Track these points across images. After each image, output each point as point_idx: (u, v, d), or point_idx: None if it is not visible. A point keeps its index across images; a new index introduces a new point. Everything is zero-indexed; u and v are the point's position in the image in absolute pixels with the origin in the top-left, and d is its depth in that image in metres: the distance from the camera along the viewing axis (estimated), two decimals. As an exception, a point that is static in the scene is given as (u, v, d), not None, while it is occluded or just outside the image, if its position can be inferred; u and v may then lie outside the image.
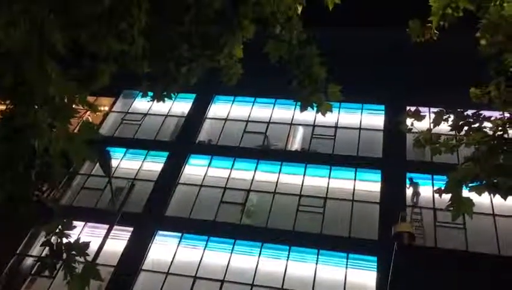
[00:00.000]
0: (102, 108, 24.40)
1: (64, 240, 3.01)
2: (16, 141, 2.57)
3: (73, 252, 2.99)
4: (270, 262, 17.24)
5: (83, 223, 18.23)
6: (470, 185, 3.85)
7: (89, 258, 3.18)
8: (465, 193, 3.97)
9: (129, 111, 24.15)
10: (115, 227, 13.30)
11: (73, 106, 2.95)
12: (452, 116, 6.09)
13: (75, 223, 3.29)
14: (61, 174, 2.88)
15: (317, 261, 16.90)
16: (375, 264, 16.32)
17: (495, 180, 3.81)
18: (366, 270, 16.48)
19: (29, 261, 18.25)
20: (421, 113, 6.29)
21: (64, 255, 3.01)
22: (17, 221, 12.75)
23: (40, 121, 2.55)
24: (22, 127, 2.55)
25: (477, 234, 16.55)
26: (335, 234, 17.39)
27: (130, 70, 4.18)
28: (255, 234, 17.84)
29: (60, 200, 19.47)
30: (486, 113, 6.03)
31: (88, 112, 22.54)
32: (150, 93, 4.71)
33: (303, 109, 4.16)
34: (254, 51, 5.58)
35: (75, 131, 2.90)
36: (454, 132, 6.07)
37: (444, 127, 6.29)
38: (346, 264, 16.66)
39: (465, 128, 5.73)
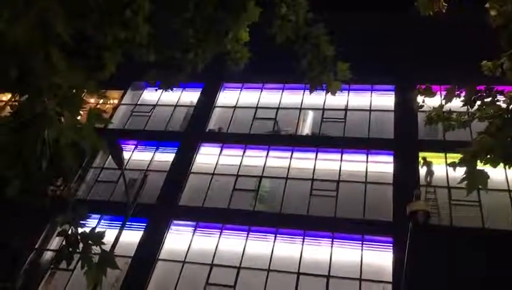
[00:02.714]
0: (111, 101, 24.50)
1: (80, 230, 3.03)
2: (26, 132, 2.57)
3: (90, 242, 3.01)
4: (286, 247, 17.30)
5: (99, 215, 18.41)
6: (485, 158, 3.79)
7: (107, 249, 3.19)
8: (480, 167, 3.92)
9: (138, 103, 24.23)
10: (130, 218, 13.39)
11: (83, 97, 2.94)
12: (464, 92, 6.00)
13: (91, 215, 3.31)
14: (72, 166, 2.87)
15: (332, 244, 16.92)
16: (391, 245, 16.31)
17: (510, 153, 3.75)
18: (382, 251, 16.47)
19: (48, 255, 18.50)
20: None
21: (81, 245, 3.03)
22: (33, 215, 12.89)
23: (49, 111, 2.54)
24: (30, 118, 2.55)
25: (493, 211, 16.43)
26: (349, 216, 17.37)
27: (136, 59, 4.16)
28: (269, 220, 17.89)
29: (75, 194, 19.65)
30: (498, 87, 5.93)
31: (98, 106, 22.65)
32: (157, 83, 4.68)
33: (312, 89, 4.10)
34: (260, 36, 5.53)
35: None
36: (466, 107, 5.98)
37: (455, 104, 6.20)
38: (362, 246, 16.66)
39: (478, 102, 5.64)
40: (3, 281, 17.14)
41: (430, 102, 6.64)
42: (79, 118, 2.90)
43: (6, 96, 19.52)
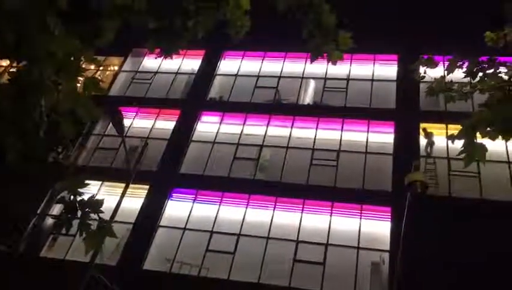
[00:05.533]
0: (112, 68, 24.32)
1: (78, 198, 3.06)
2: (23, 99, 2.57)
3: (88, 209, 3.04)
4: (285, 215, 17.46)
5: (100, 182, 18.53)
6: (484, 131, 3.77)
7: (108, 215, 3.23)
8: (479, 140, 3.91)
9: (139, 70, 24.03)
10: (131, 185, 13.48)
11: (80, 64, 2.92)
12: (466, 64, 5.94)
13: (92, 182, 3.33)
14: (70, 133, 2.88)
15: (331, 213, 17.07)
16: (389, 214, 16.45)
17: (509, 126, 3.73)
18: (381, 221, 16.63)
19: (50, 221, 18.70)
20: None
21: (79, 213, 3.06)
22: (34, 181, 12.98)
23: (45, 78, 2.53)
24: (27, 86, 2.54)
25: (492, 182, 16.50)
26: (349, 186, 17.47)
27: (135, 26, 4.10)
28: (269, 189, 18.00)
29: (76, 160, 19.72)
30: (501, 59, 5.86)
31: (98, 72, 22.52)
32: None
33: (313, 59, 4.06)
34: (262, 3, 5.43)
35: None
36: (468, 79, 5.93)
37: (457, 76, 6.14)
38: (361, 216, 16.82)
39: (480, 74, 5.59)
40: (7, 246, 17.41)
41: (433, 73, 6.59)
42: (77, 85, 2.89)
43: (6, 62, 19.40)
